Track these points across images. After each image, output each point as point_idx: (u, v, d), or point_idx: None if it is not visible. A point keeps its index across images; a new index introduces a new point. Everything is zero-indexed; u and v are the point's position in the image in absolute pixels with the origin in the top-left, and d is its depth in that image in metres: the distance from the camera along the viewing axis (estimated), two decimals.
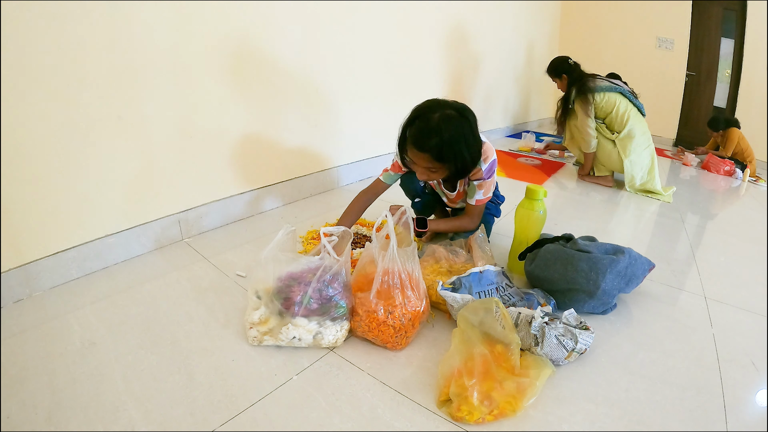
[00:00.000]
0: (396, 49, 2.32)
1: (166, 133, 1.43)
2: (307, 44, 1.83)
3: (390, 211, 1.17)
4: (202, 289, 1.25)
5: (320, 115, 2.00)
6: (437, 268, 1.26)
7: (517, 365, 0.92)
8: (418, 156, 1.21)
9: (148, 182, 1.42)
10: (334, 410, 0.86)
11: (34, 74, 1.10)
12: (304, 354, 1.00)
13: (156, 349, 1.00)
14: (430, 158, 1.19)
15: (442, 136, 1.15)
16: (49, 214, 1.21)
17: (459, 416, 0.83)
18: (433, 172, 1.24)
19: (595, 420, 0.86)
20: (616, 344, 1.09)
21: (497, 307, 0.97)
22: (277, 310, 1.01)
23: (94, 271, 1.33)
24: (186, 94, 1.45)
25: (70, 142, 1.20)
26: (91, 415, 0.82)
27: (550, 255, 1.22)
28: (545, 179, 2.63)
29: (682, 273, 1.51)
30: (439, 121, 1.16)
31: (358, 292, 1.08)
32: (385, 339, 1.01)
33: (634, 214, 2.15)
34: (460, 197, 1.50)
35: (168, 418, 0.82)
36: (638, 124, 2.42)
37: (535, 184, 1.37)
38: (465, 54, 3.05)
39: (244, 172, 1.73)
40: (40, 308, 1.15)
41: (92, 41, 1.19)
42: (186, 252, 1.47)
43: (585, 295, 1.16)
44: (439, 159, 1.19)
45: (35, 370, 0.93)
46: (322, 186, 2.11)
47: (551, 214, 1.67)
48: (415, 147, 1.19)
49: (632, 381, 0.97)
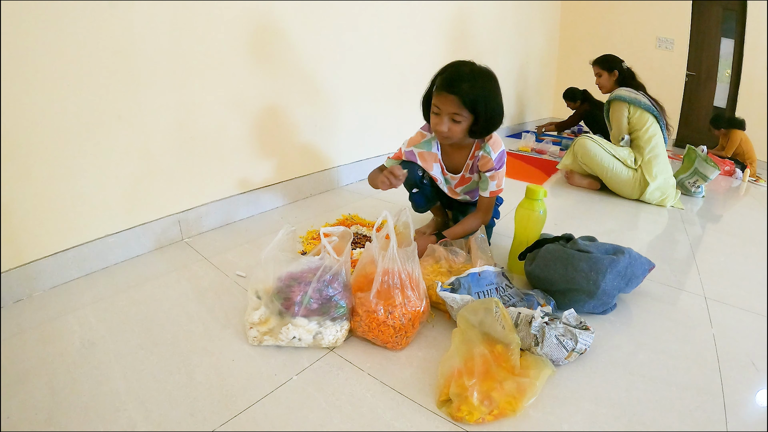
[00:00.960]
0: (396, 48, 2.32)
1: (166, 133, 1.43)
2: (308, 45, 1.83)
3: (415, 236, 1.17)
4: (202, 289, 1.25)
5: (321, 116, 2.00)
6: (437, 268, 1.26)
7: (517, 365, 0.92)
8: (447, 99, 1.21)
9: (148, 182, 1.42)
10: (334, 410, 0.86)
11: (33, 74, 1.10)
12: (304, 354, 1.00)
13: (156, 349, 1.00)
14: (459, 102, 1.19)
15: (474, 83, 1.20)
16: (49, 214, 1.21)
17: (459, 416, 0.83)
18: (456, 122, 1.24)
19: (595, 420, 0.86)
20: (616, 344, 1.09)
21: (497, 307, 0.97)
22: (277, 310, 1.01)
23: (94, 271, 1.33)
24: (186, 94, 1.45)
25: (70, 141, 1.20)
26: (91, 415, 0.82)
27: (550, 255, 1.22)
28: (545, 179, 2.63)
29: (682, 273, 1.50)
30: (472, 71, 1.21)
31: (358, 292, 1.08)
32: (385, 339, 1.01)
33: (634, 214, 2.14)
34: (464, 183, 1.48)
35: (168, 418, 0.82)
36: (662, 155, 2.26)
37: (535, 184, 1.37)
38: (465, 54, 3.05)
39: (244, 172, 1.73)
40: (40, 308, 1.15)
41: (92, 41, 1.19)
42: (186, 252, 1.47)
43: (585, 295, 1.16)
44: (467, 104, 1.20)
45: (35, 370, 0.93)
46: (322, 186, 2.11)
47: (551, 214, 1.67)
48: (445, 89, 1.20)
49: (632, 381, 0.97)
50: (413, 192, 1.53)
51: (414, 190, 1.52)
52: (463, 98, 1.19)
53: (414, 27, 2.44)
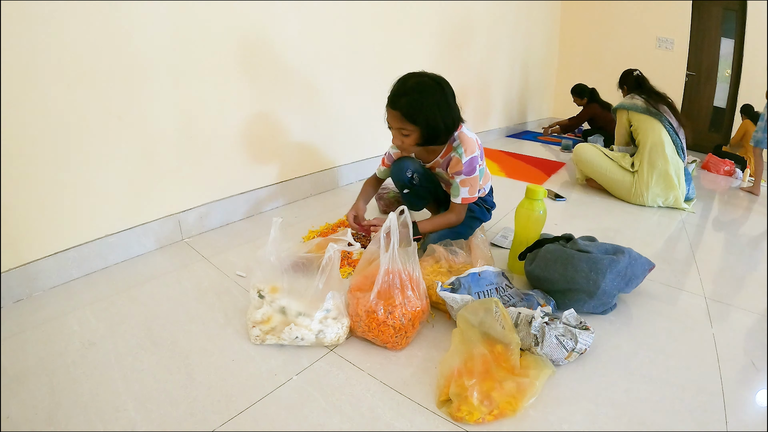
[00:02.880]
0: (396, 48, 2.32)
1: (166, 133, 1.43)
2: (307, 44, 1.83)
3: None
4: (202, 289, 1.25)
5: (320, 116, 2.00)
6: (437, 268, 1.26)
7: (517, 365, 0.92)
8: (392, 115, 1.28)
9: (148, 182, 1.42)
10: (334, 410, 0.86)
11: (33, 74, 1.10)
12: (304, 354, 1.00)
13: (156, 349, 1.00)
14: (401, 117, 1.25)
15: (412, 96, 1.23)
16: (49, 214, 1.21)
17: (459, 416, 0.83)
18: (405, 135, 1.28)
19: (595, 420, 0.86)
20: (616, 344, 1.09)
21: (496, 307, 0.97)
22: (279, 307, 1.01)
23: (94, 271, 1.33)
24: (186, 94, 1.45)
25: (70, 141, 1.20)
26: (91, 415, 0.82)
27: (550, 255, 1.22)
28: (545, 179, 2.63)
29: (682, 273, 1.50)
30: (413, 85, 1.25)
31: (357, 292, 1.08)
32: (385, 339, 1.01)
33: (635, 214, 2.14)
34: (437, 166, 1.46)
35: (168, 418, 0.82)
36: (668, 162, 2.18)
37: (535, 184, 1.37)
38: (465, 54, 3.05)
39: (243, 172, 1.73)
40: (40, 308, 1.15)
41: (92, 41, 1.19)
42: (186, 252, 1.47)
43: (585, 295, 1.16)
44: (409, 118, 1.24)
45: (35, 370, 0.93)
46: (321, 186, 2.11)
47: (551, 214, 1.67)
48: (389, 105, 1.27)
49: (632, 381, 0.97)
50: (404, 192, 1.55)
51: (405, 191, 1.53)
52: (403, 113, 1.24)
53: (415, 28, 2.44)
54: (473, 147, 1.33)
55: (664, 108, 2.27)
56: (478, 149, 1.35)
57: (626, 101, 2.35)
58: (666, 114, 2.25)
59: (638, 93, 2.35)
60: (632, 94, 2.36)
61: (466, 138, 1.33)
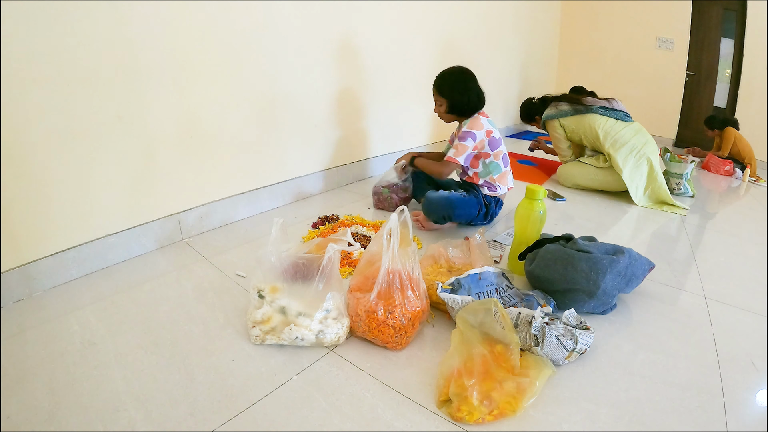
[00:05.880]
0: (396, 48, 2.32)
1: (166, 133, 1.43)
2: (307, 44, 1.83)
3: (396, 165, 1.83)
4: (202, 289, 1.25)
5: (320, 116, 2.00)
6: (437, 268, 1.26)
7: (517, 365, 0.92)
8: (433, 91, 1.72)
9: (149, 182, 1.42)
10: (334, 410, 0.86)
11: (34, 74, 1.10)
12: (304, 354, 1.00)
13: (156, 349, 1.00)
14: (435, 90, 1.71)
15: (442, 78, 1.70)
16: (49, 214, 1.21)
17: (459, 416, 0.83)
18: (439, 106, 1.71)
19: (595, 420, 0.86)
20: (616, 344, 1.09)
21: (495, 308, 0.97)
22: (279, 306, 1.01)
23: (94, 271, 1.33)
24: (186, 94, 1.45)
25: (70, 142, 1.20)
26: (91, 415, 0.82)
27: (550, 255, 1.22)
28: (545, 179, 2.63)
29: (682, 273, 1.50)
30: (445, 71, 1.71)
31: (357, 292, 1.08)
32: (385, 339, 1.01)
33: (634, 214, 2.14)
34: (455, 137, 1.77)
35: (168, 418, 0.82)
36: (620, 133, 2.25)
37: (535, 184, 1.37)
38: (465, 54, 3.05)
39: (244, 171, 1.73)
40: (40, 308, 1.15)
41: (92, 41, 1.19)
42: (186, 252, 1.47)
43: (585, 295, 1.16)
44: (438, 91, 1.69)
45: (35, 370, 0.93)
46: (321, 186, 2.10)
47: (551, 214, 1.67)
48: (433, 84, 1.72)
49: (632, 381, 0.97)
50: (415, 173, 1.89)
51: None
52: (435, 87, 1.71)
53: (415, 27, 2.44)
54: (475, 126, 1.64)
55: (587, 99, 2.32)
56: (483, 134, 1.64)
57: (551, 111, 2.37)
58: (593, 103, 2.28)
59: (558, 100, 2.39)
60: (553, 104, 2.38)
61: (476, 119, 1.66)
